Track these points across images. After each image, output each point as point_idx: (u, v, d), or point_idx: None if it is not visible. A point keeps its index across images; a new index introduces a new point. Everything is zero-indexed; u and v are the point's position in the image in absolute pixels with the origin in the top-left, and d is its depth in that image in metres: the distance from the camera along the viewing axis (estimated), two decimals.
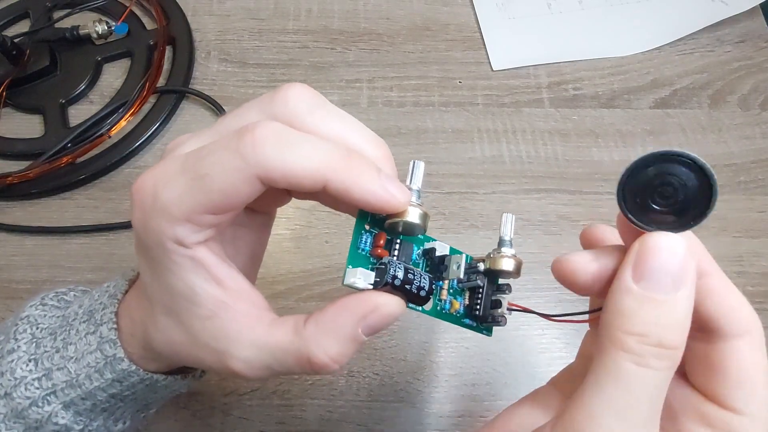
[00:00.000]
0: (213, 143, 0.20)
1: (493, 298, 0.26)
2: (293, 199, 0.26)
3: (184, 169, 0.20)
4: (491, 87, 0.53)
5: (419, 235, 0.24)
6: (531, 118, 0.51)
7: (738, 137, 0.50)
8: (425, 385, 0.40)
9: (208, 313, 0.22)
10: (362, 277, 0.22)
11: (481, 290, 0.26)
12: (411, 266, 0.23)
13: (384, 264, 0.22)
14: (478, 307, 0.25)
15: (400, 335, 0.42)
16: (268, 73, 0.54)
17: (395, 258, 0.23)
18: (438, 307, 0.25)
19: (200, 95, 0.52)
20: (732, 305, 0.20)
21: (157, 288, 0.23)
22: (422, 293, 0.22)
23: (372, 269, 0.22)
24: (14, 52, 0.51)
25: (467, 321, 0.26)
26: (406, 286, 0.22)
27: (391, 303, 0.21)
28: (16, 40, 0.52)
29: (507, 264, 0.25)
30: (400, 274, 0.22)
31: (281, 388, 0.40)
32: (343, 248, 0.45)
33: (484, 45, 0.55)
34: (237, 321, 0.22)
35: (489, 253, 0.25)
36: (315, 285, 0.43)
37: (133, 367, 0.25)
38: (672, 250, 0.19)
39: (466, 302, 0.26)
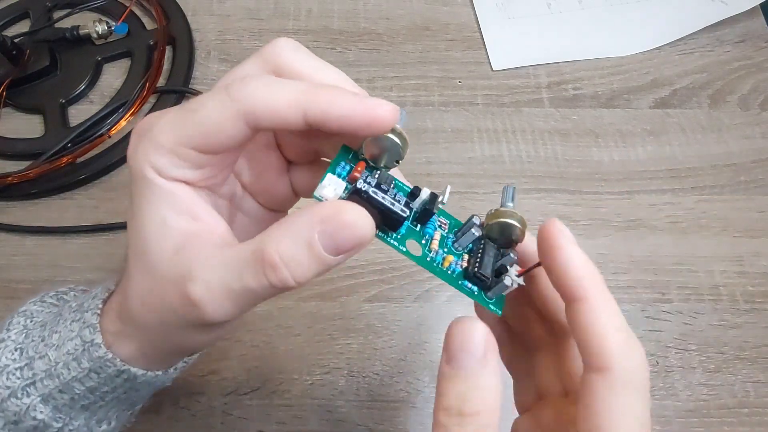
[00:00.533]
0: (208, 92, 0.22)
1: (497, 264, 0.24)
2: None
3: (179, 108, 0.22)
4: (491, 87, 0.53)
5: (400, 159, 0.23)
6: (531, 118, 0.51)
7: (738, 137, 0.50)
8: (425, 385, 0.40)
9: (174, 246, 0.22)
10: (333, 187, 0.21)
11: (480, 247, 0.24)
12: (387, 182, 0.22)
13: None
14: (478, 265, 0.24)
15: (400, 335, 0.42)
16: None
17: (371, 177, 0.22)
18: (428, 258, 0.24)
19: (200, 95, 0.52)
20: (595, 335, 0.20)
21: (132, 228, 0.23)
22: (396, 209, 0.21)
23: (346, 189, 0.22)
24: (14, 52, 0.51)
25: (466, 284, 0.24)
26: (378, 197, 0.21)
27: (355, 212, 0.20)
28: (16, 40, 0.52)
29: (510, 216, 0.24)
30: (372, 182, 0.22)
31: (281, 388, 0.40)
32: None
33: (484, 45, 0.55)
34: (204, 248, 0.22)
35: (488, 211, 0.24)
36: (315, 285, 0.43)
37: (110, 355, 0.24)
38: (465, 333, 0.21)
39: (464, 264, 0.24)
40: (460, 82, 0.53)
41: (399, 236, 0.23)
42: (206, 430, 0.38)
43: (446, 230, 0.25)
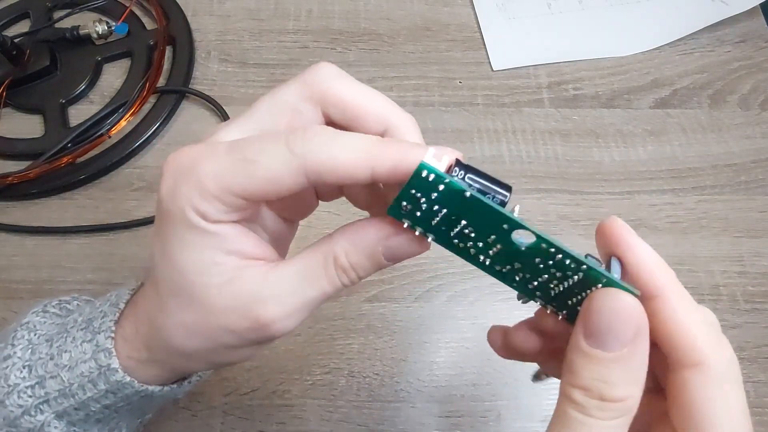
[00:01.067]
0: (262, 135, 0.21)
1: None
2: (314, 208, 0.27)
3: (230, 150, 0.21)
4: (491, 87, 0.53)
5: None
6: (531, 118, 0.51)
7: (738, 137, 0.50)
8: (425, 385, 0.40)
9: (225, 280, 0.22)
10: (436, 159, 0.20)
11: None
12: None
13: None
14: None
15: (400, 335, 0.42)
16: (268, 73, 0.54)
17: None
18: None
19: (200, 95, 0.52)
20: (681, 331, 0.20)
21: (166, 266, 0.22)
22: (501, 182, 0.21)
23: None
24: (14, 52, 0.51)
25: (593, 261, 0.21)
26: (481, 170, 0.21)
27: (411, 236, 0.22)
28: (16, 40, 0.52)
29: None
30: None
31: (281, 388, 0.40)
32: None
33: (484, 45, 0.55)
34: (258, 274, 0.22)
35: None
36: None
37: (128, 379, 0.24)
38: (616, 311, 0.19)
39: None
40: (460, 82, 0.53)
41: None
42: (206, 430, 0.38)
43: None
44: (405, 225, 0.22)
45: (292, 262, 0.22)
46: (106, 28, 0.53)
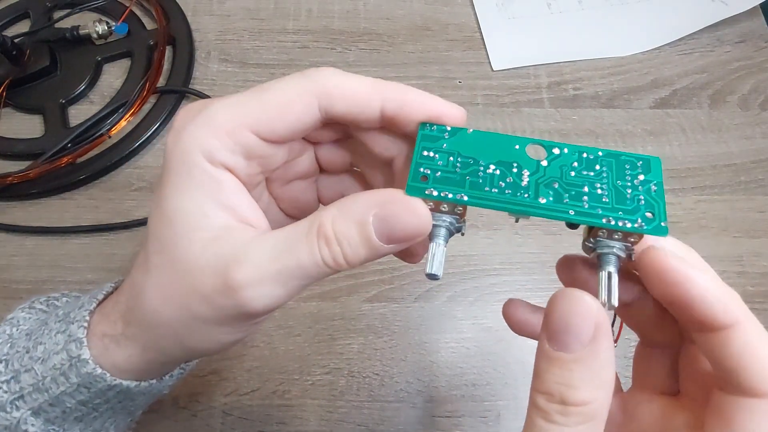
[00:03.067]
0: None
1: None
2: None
3: (244, 92, 0.21)
4: (491, 87, 0.53)
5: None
6: (531, 118, 0.51)
7: (738, 137, 0.50)
8: (425, 385, 0.40)
9: (210, 236, 0.20)
10: None
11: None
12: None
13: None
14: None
15: (400, 335, 0.42)
16: (268, 73, 0.54)
17: None
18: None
19: (200, 95, 0.52)
20: (756, 361, 0.19)
21: (157, 218, 0.21)
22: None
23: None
24: (14, 52, 0.51)
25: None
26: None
27: (413, 202, 0.20)
28: (16, 40, 0.52)
29: None
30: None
31: (281, 388, 0.40)
32: None
33: (484, 45, 0.55)
34: (243, 236, 0.21)
35: None
36: (315, 285, 0.43)
37: (98, 371, 0.23)
38: (574, 311, 0.18)
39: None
40: (460, 82, 0.53)
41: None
42: (206, 430, 0.38)
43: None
44: (430, 205, 0.20)
45: (279, 230, 0.21)
46: (106, 28, 0.53)
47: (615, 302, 0.20)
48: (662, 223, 0.20)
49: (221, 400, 0.39)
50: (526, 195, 0.20)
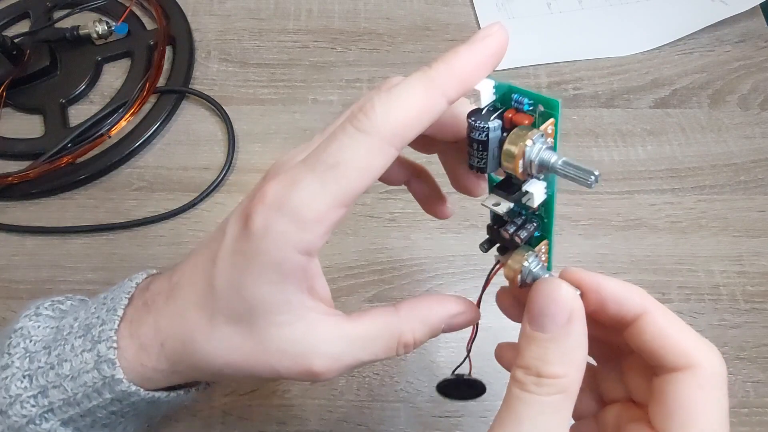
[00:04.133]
0: (326, 139, 0.21)
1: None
2: None
3: (310, 168, 0.20)
4: None
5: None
6: None
7: (738, 137, 0.50)
8: (425, 385, 0.40)
9: (292, 319, 0.22)
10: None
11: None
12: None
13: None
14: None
15: None
16: (268, 72, 0.54)
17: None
18: None
19: (200, 95, 0.52)
20: (673, 340, 0.21)
21: (234, 297, 0.22)
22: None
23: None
24: (14, 52, 0.51)
25: None
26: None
27: (472, 311, 0.26)
28: (16, 40, 0.52)
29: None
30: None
31: (281, 388, 0.40)
32: (343, 248, 0.45)
33: None
34: (320, 322, 0.23)
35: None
36: None
37: (133, 388, 0.24)
38: (552, 297, 0.21)
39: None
40: None
41: None
42: (206, 430, 0.38)
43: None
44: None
45: (353, 324, 0.23)
46: (106, 28, 0.53)
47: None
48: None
49: (221, 400, 0.39)
50: None
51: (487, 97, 0.22)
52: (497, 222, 0.25)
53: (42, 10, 0.56)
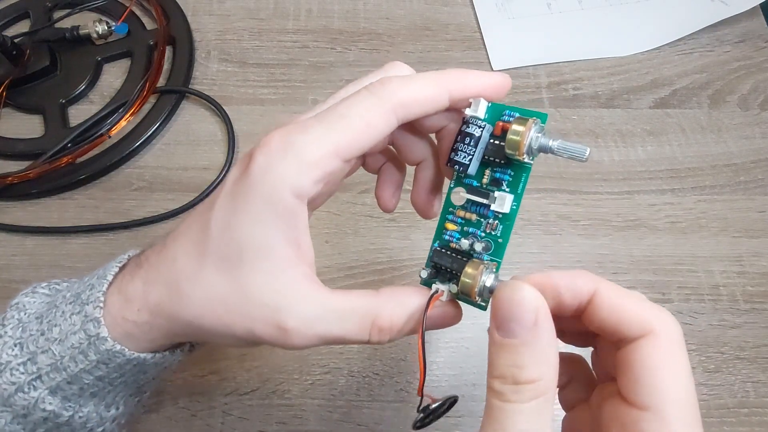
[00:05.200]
0: (344, 98, 0.23)
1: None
2: None
3: (319, 118, 0.23)
4: None
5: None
6: None
7: (738, 137, 0.50)
8: (425, 385, 0.40)
9: (275, 269, 0.23)
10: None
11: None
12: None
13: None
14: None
15: None
16: (268, 72, 0.54)
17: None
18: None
19: (200, 95, 0.52)
20: (626, 311, 0.21)
21: (225, 238, 0.23)
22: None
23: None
24: (14, 52, 0.51)
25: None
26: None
27: (451, 309, 0.25)
28: (16, 40, 0.52)
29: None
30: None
31: (281, 388, 0.40)
32: (343, 248, 0.45)
33: (484, 45, 0.55)
34: (303, 281, 0.23)
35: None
36: None
37: (118, 347, 0.24)
38: (515, 301, 0.21)
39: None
40: None
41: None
42: (206, 430, 0.38)
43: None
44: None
45: (331, 294, 0.23)
46: (106, 28, 0.53)
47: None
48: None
49: (221, 400, 0.39)
50: None
51: (483, 108, 0.25)
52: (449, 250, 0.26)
53: (42, 10, 0.56)
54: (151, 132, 0.50)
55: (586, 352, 0.27)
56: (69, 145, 0.48)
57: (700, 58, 0.55)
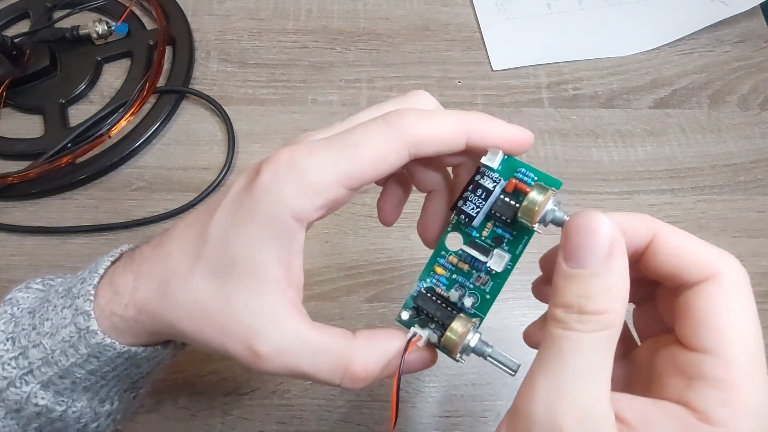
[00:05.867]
0: (353, 126, 0.22)
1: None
2: None
3: (330, 143, 0.22)
4: (491, 87, 0.53)
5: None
6: (530, 118, 0.51)
7: (737, 137, 0.50)
8: (425, 385, 0.40)
9: (261, 290, 0.22)
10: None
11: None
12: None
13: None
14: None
15: None
16: (267, 73, 0.54)
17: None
18: None
19: (200, 95, 0.52)
20: (688, 254, 0.21)
21: (223, 247, 0.23)
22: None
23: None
24: (14, 52, 0.51)
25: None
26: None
27: (427, 355, 0.25)
28: (16, 40, 0.52)
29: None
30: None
31: (281, 388, 0.40)
32: (343, 248, 0.45)
33: (484, 45, 0.55)
34: (284, 308, 0.23)
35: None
36: (315, 285, 0.43)
37: (108, 341, 0.24)
38: (589, 229, 0.20)
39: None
40: (459, 82, 0.53)
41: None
42: (206, 430, 0.39)
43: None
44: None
45: (310, 329, 0.23)
46: (106, 28, 0.53)
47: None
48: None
49: (221, 400, 0.39)
50: None
51: (499, 160, 0.24)
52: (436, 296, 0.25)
53: (42, 10, 0.56)
54: (151, 132, 0.50)
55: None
56: (69, 145, 0.48)
57: (700, 58, 0.55)
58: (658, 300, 0.24)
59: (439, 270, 0.26)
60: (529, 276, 0.44)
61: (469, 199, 0.24)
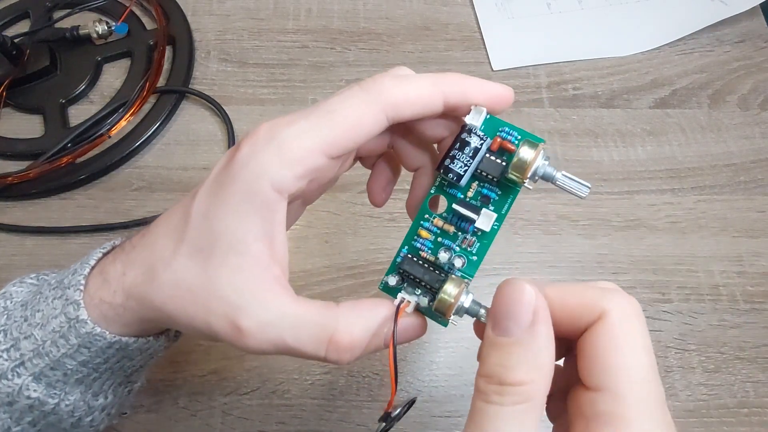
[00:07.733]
0: (336, 92, 0.22)
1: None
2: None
3: (306, 113, 0.22)
4: None
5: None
6: (530, 118, 0.51)
7: (737, 137, 0.50)
8: (425, 385, 0.40)
9: (243, 265, 0.22)
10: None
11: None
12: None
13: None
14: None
15: None
16: (267, 72, 0.54)
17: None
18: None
19: (200, 95, 0.52)
20: (572, 302, 0.21)
21: (203, 226, 0.22)
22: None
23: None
24: (14, 52, 0.51)
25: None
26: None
27: (417, 321, 0.24)
28: (16, 40, 0.52)
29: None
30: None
31: (281, 388, 0.40)
32: (343, 248, 0.45)
33: (484, 45, 0.55)
34: (266, 282, 0.22)
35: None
36: (315, 285, 0.43)
37: (97, 330, 0.24)
38: (514, 297, 0.20)
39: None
40: None
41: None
42: (206, 430, 0.39)
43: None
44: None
45: (293, 302, 0.22)
46: (106, 28, 0.53)
47: None
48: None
49: (221, 400, 0.39)
50: None
51: (483, 119, 0.24)
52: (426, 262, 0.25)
53: (42, 10, 0.56)
54: (151, 132, 0.50)
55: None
56: (69, 145, 0.48)
57: (700, 58, 0.55)
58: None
59: (424, 233, 0.25)
60: (529, 276, 0.44)
61: (457, 157, 0.24)
